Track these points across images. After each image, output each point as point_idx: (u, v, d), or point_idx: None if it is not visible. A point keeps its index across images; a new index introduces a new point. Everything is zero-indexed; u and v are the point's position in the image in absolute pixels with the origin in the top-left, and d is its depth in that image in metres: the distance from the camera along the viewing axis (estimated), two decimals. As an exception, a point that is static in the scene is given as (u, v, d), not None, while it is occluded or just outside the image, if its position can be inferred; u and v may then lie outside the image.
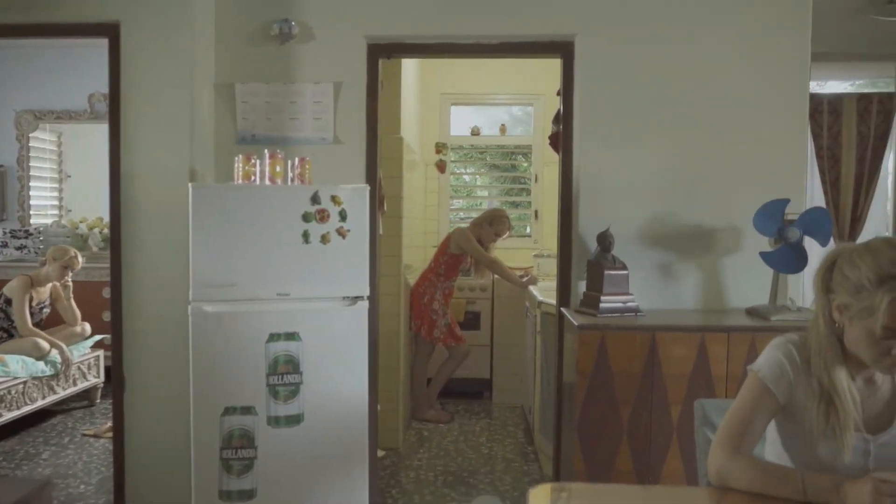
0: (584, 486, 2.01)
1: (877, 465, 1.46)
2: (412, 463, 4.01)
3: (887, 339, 1.38)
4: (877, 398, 1.52)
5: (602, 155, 3.31)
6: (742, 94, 3.27)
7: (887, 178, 5.96)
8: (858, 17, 4.92)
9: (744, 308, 3.21)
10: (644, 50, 3.28)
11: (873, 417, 1.50)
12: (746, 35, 3.27)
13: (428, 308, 4.70)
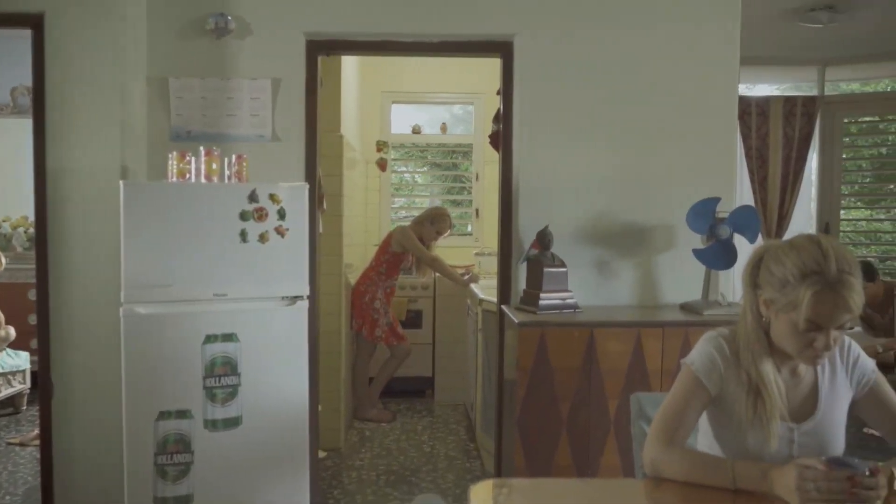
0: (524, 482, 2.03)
1: (801, 452, 1.52)
2: (354, 463, 3.99)
3: (810, 331, 1.44)
4: (800, 388, 1.59)
5: (541, 154, 3.35)
6: (675, 96, 3.37)
7: (811, 177, 6.23)
8: (784, 23, 5.13)
9: (678, 303, 3.30)
10: (581, 51, 3.34)
11: (797, 407, 1.57)
12: (679, 38, 3.36)
13: (369, 307, 4.68)
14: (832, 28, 5.09)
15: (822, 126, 6.15)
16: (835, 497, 1.28)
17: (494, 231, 3.64)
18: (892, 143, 6.39)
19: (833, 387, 1.59)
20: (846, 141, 6.30)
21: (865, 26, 5.25)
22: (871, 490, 1.28)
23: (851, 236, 6.42)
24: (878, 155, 6.58)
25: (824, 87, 6.21)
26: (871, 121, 6.40)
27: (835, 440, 1.58)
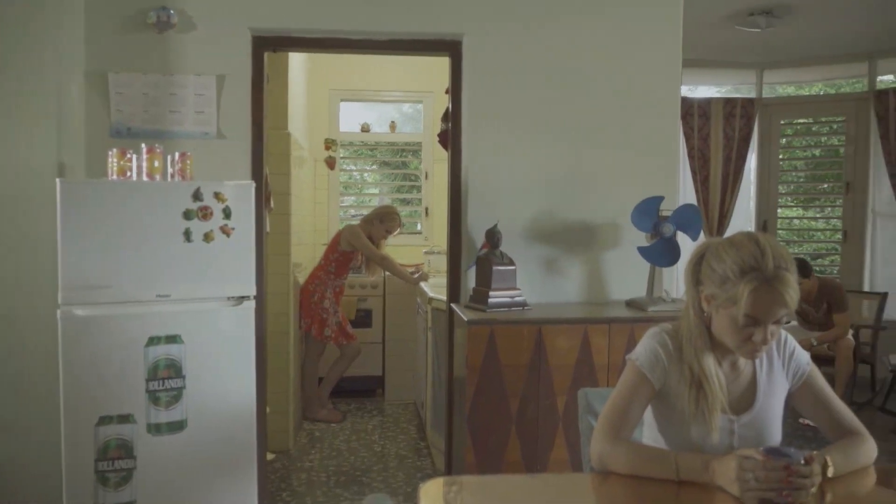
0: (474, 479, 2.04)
1: (741, 443, 1.57)
2: (304, 464, 3.94)
3: (748, 326, 1.49)
4: (740, 381, 1.64)
5: (490, 153, 3.37)
6: (620, 97, 3.43)
7: (750, 177, 6.43)
8: (724, 27, 5.28)
9: (624, 300, 3.37)
10: (529, 51, 3.38)
11: (737, 399, 1.62)
12: (623, 41, 3.43)
13: (318, 306, 4.63)
14: (769, 33, 5.27)
15: (760, 127, 6.36)
16: (772, 486, 1.32)
17: (444, 229, 3.65)
18: (825, 144, 6.65)
19: (770, 379, 1.65)
20: (782, 142, 6.53)
21: (801, 32, 5.45)
22: (806, 478, 1.33)
23: (787, 234, 6.65)
24: (812, 156, 6.84)
25: (762, 89, 6.43)
26: (806, 123, 6.64)
27: (772, 431, 1.64)
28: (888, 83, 6.24)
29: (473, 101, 3.37)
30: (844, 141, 6.29)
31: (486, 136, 3.37)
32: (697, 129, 6.27)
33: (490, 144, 3.37)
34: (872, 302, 5.58)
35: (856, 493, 1.48)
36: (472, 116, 3.37)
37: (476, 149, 3.37)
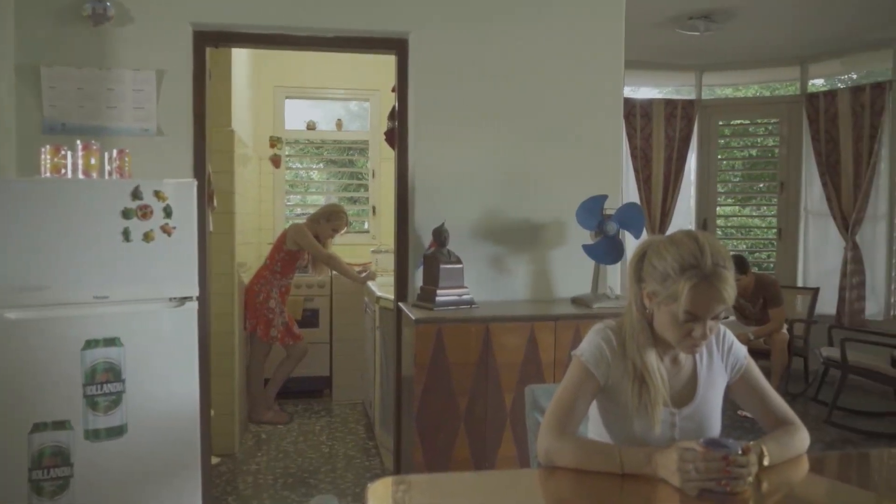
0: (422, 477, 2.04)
1: (682, 436, 1.62)
2: (250, 467, 3.88)
3: (688, 322, 1.53)
4: (681, 375, 1.68)
5: (437, 151, 3.38)
6: (565, 97, 3.48)
7: (690, 176, 6.61)
8: (665, 30, 5.41)
9: (569, 297, 3.42)
10: (475, 50, 3.39)
11: (678, 393, 1.66)
12: (568, 41, 3.48)
13: (263, 306, 4.56)
14: (708, 36, 5.42)
15: (699, 128, 6.54)
16: (712, 476, 1.37)
17: (391, 228, 3.64)
18: (761, 145, 6.88)
19: (710, 373, 1.70)
20: (721, 142, 6.72)
21: (738, 36, 5.63)
22: (743, 468, 1.38)
23: (725, 231, 6.86)
24: (749, 156, 7.07)
25: (701, 91, 6.61)
26: (743, 124, 6.85)
27: (712, 423, 1.69)
28: (819, 87, 6.49)
29: (420, 99, 3.36)
30: (779, 142, 6.52)
31: (433, 134, 3.37)
32: (640, 129, 6.40)
33: (437, 143, 3.37)
34: (805, 297, 5.81)
35: (790, 480, 1.54)
36: (419, 115, 3.37)
37: (423, 147, 3.37)
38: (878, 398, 5.23)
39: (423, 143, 3.37)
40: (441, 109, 3.37)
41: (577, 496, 1.49)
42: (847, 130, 5.85)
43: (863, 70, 6.24)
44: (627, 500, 1.46)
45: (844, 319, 5.74)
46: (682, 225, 6.43)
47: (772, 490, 1.47)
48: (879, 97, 5.64)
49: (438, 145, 3.37)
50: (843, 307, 5.81)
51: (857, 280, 5.77)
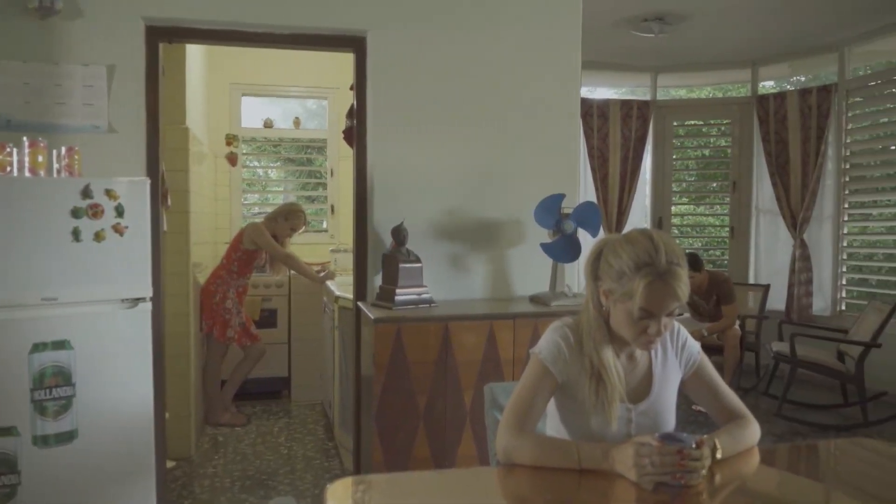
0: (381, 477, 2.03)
1: (638, 431, 1.64)
2: (206, 471, 3.81)
3: (643, 319, 1.55)
4: (637, 372, 1.71)
5: (395, 150, 3.37)
6: (523, 97, 3.50)
7: (646, 175, 6.72)
8: (621, 31, 5.49)
9: (528, 296, 3.44)
10: (434, 49, 3.39)
11: (634, 389, 1.69)
12: (526, 41, 3.50)
13: (220, 307, 4.49)
14: (662, 38, 5.52)
15: (654, 128, 6.65)
16: (667, 470, 1.39)
17: (350, 227, 3.62)
18: (714, 145, 7.04)
19: (665, 369, 1.73)
20: (675, 142, 6.86)
21: (691, 39, 5.74)
22: (697, 461, 1.40)
23: (680, 230, 7.00)
24: (702, 156, 7.22)
25: (657, 92, 6.72)
26: (696, 124, 7.00)
27: (667, 417, 1.72)
28: (769, 89, 6.67)
29: (378, 98, 3.35)
30: (731, 142, 6.68)
31: (392, 133, 3.36)
32: (597, 129, 6.49)
33: (395, 142, 3.37)
34: (757, 293, 5.97)
35: (742, 472, 1.58)
36: (378, 114, 3.35)
37: (381, 146, 3.36)
38: (826, 391, 5.40)
39: (381, 141, 3.36)
40: (400, 108, 3.36)
41: (535, 493, 1.50)
42: (795, 131, 6.02)
43: (810, 73, 6.43)
44: (585, 495, 1.47)
45: (793, 315, 5.91)
46: (638, 223, 6.54)
47: (725, 482, 1.50)
48: (826, 99, 5.82)
49: (397, 144, 3.37)
50: (792, 303, 5.98)
51: (805, 277, 5.95)
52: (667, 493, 1.39)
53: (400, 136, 3.37)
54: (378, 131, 3.35)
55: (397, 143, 3.36)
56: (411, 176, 3.38)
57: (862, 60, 5.91)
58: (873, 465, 1.76)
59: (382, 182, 3.36)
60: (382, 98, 3.35)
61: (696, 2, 4.92)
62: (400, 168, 3.36)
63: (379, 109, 3.35)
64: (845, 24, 5.45)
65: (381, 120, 3.35)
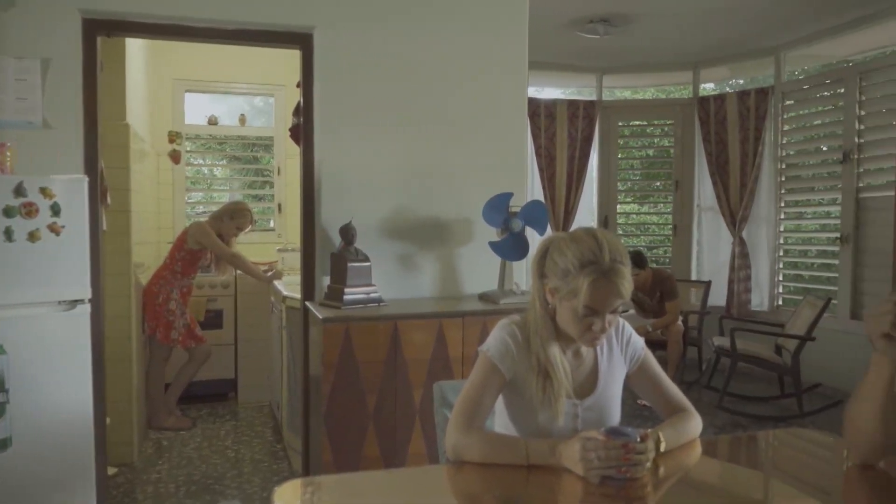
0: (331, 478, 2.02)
1: (584, 426, 1.67)
2: (150, 477, 3.72)
3: (588, 316, 1.58)
4: (583, 368, 1.73)
5: (343, 148, 3.34)
6: (471, 96, 3.52)
7: (592, 174, 6.83)
8: (567, 32, 5.56)
9: (476, 294, 3.46)
10: (382, 47, 3.38)
11: (580, 385, 1.71)
12: (474, 41, 3.52)
13: (163, 308, 4.38)
14: (607, 40, 5.62)
15: (600, 128, 6.76)
16: (612, 463, 1.42)
17: (298, 226, 3.57)
18: (658, 145, 7.20)
19: (610, 365, 1.76)
20: (620, 142, 6.99)
21: (635, 41, 5.86)
22: (642, 454, 1.43)
23: (626, 228, 7.13)
24: (647, 156, 7.38)
25: (602, 92, 6.84)
26: (641, 125, 7.15)
27: (613, 412, 1.75)
28: (709, 91, 6.86)
29: (326, 96, 3.32)
30: (673, 142, 6.84)
31: (340, 131, 3.34)
32: (544, 129, 6.56)
33: (343, 140, 3.34)
34: (699, 290, 6.13)
35: (685, 464, 1.62)
36: (325, 111, 3.32)
37: (329, 144, 3.33)
38: (764, 384, 5.59)
39: (329, 139, 3.33)
40: (348, 106, 3.34)
41: (484, 489, 1.51)
42: (734, 132, 6.21)
43: (748, 76, 6.63)
44: (533, 490, 1.49)
45: (734, 310, 6.10)
46: (585, 222, 6.64)
47: (668, 474, 1.54)
48: (763, 101, 6.01)
49: (345, 142, 3.34)
50: (732, 299, 6.17)
51: (744, 273, 6.14)
52: (612, 487, 1.41)
53: (348, 135, 3.34)
54: (325, 129, 3.32)
55: (345, 141, 3.34)
56: (360, 174, 3.36)
57: (797, 64, 6.13)
58: (809, 453, 1.83)
59: (330, 180, 3.33)
60: (330, 96, 3.32)
61: (639, 5, 5.03)
62: (348, 166, 3.34)
63: (326, 107, 3.32)
64: (781, 29, 5.64)
65: (328, 118, 3.32)
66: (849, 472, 1.60)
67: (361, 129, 3.36)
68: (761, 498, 1.55)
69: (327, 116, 3.32)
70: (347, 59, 3.33)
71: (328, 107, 3.32)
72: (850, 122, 5.35)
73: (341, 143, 3.34)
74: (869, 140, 5.27)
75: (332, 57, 3.31)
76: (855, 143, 5.31)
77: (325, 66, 3.31)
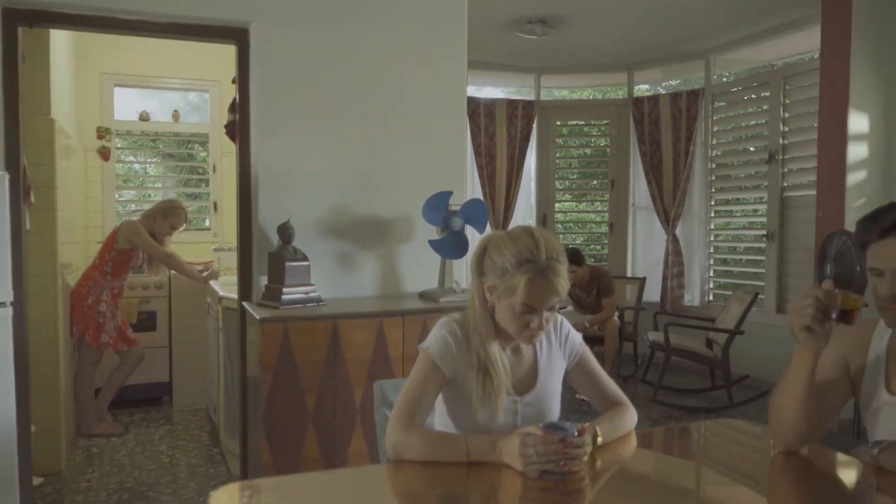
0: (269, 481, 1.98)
1: (524, 422, 1.69)
2: (79, 486, 3.58)
3: (525, 314, 1.60)
4: (523, 364, 1.76)
5: (281, 146, 3.29)
6: (411, 95, 3.51)
7: (531, 173, 6.92)
8: (506, 32, 5.62)
9: (417, 292, 3.46)
10: (321, 44, 3.34)
11: (520, 381, 1.73)
12: (412, 40, 3.51)
13: (93, 310, 4.23)
14: (545, 41, 5.70)
15: (538, 127, 6.86)
16: (551, 458, 1.44)
17: (234, 225, 3.50)
18: (594, 144, 7.34)
19: (549, 361, 1.78)
20: (558, 142, 7.10)
21: (572, 42, 5.96)
22: (580, 448, 1.46)
23: (564, 226, 7.25)
24: (584, 155, 7.51)
25: (540, 92, 6.93)
26: (578, 124, 7.28)
27: (552, 407, 1.78)
28: (643, 91, 7.03)
29: (262, 92, 3.26)
30: (609, 142, 6.99)
31: (277, 128, 3.28)
32: (484, 128, 6.61)
33: (281, 137, 3.29)
34: (634, 286, 6.29)
35: (621, 456, 1.66)
36: (262, 108, 3.26)
37: (266, 142, 3.27)
38: (696, 377, 5.77)
39: (266, 137, 3.27)
40: (285, 104, 3.29)
41: (426, 487, 1.52)
42: (667, 132, 6.39)
43: (680, 78, 6.84)
44: (474, 486, 1.50)
45: (667, 306, 6.28)
46: (523, 220, 6.72)
47: (605, 466, 1.57)
48: (694, 103, 6.20)
49: (283, 140, 3.29)
50: (666, 295, 6.35)
51: (677, 270, 6.33)
52: (551, 480, 1.44)
53: (285, 132, 3.29)
54: (263, 126, 3.26)
55: (283, 138, 3.29)
56: (298, 172, 3.31)
57: (726, 67, 6.36)
58: (738, 442, 1.90)
59: (267, 179, 3.27)
60: (266, 92, 3.26)
61: (576, 7, 5.12)
62: (286, 164, 3.29)
63: (263, 104, 3.26)
64: (710, 33, 5.84)
65: (265, 115, 3.26)
66: (774, 459, 1.67)
67: (300, 127, 3.31)
68: (694, 487, 1.61)
69: (264, 113, 3.26)
70: (285, 56, 3.27)
71: (265, 103, 3.26)
72: (775, 124, 5.58)
73: (279, 140, 3.28)
74: (793, 141, 5.51)
75: (269, 53, 3.25)
76: (780, 144, 5.54)
77: (261, 62, 3.25)
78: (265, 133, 3.26)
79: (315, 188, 3.34)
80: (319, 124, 3.35)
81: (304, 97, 3.31)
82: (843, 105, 4.43)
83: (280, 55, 3.27)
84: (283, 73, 3.27)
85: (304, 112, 3.32)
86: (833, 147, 4.50)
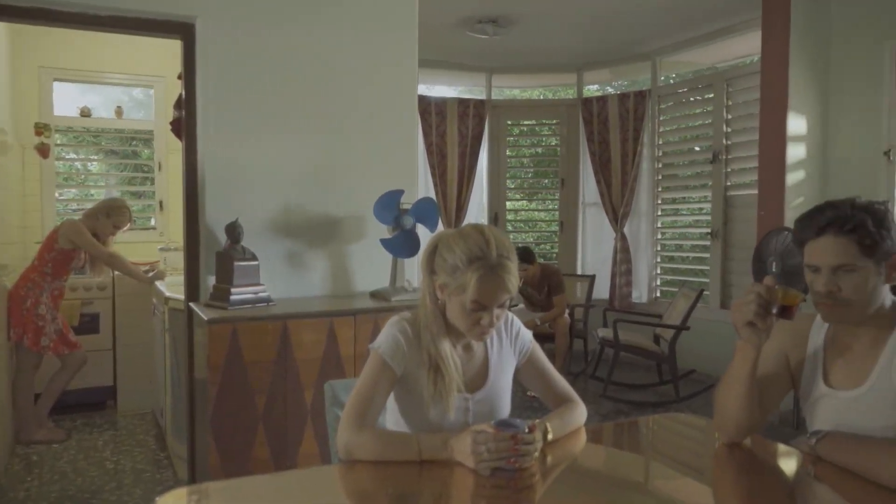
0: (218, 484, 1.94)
1: (475, 419, 1.69)
2: (17, 495, 3.45)
3: (476, 311, 1.61)
4: (474, 362, 1.76)
5: (229, 143, 3.23)
6: (362, 93, 3.49)
7: (483, 172, 6.95)
8: (457, 32, 5.64)
9: (368, 291, 3.45)
10: (268, 41, 3.29)
11: (471, 378, 1.74)
12: (364, 37, 3.49)
13: (32, 313, 4.08)
14: (496, 40, 5.74)
15: (490, 127, 6.90)
16: (502, 455, 1.45)
17: (180, 224, 3.42)
18: (545, 144, 7.42)
19: (500, 358, 1.80)
20: (510, 141, 7.15)
21: (523, 42, 6.02)
22: (530, 444, 1.48)
23: (515, 224, 7.31)
24: (536, 154, 7.59)
25: (491, 91, 6.97)
26: (529, 124, 7.35)
27: (503, 405, 1.79)
28: (592, 92, 7.14)
29: (209, 88, 3.19)
30: (560, 141, 7.08)
31: (225, 126, 3.22)
32: (435, 127, 6.62)
33: (229, 135, 3.23)
34: (584, 284, 6.38)
35: (571, 451, 1.68)
36: (209, 105, 3.19)
37: (213, 139, 3.21)
38: (644, 372, 5.89)
39: (213, 134, 3.20)
40: (233, 101, 3.23)
41: (378, 487, 1.51)
42: (615, 132, 6.50)
43: (628, 79, 6.96)
44: (426, 485, 1.50)
45: (616, 303, 6.39)
46: (475, 218, 6.76)
47: (556, 462, 1.59)
48: (641, 103, 6.33)
49: (231, 137, 3.23)
50: (614, 292, 6.46)
51: (625, 267, 6.45)
52: (503, 477, 1.45)
53: (233, 130, 3.23)
54: (210, 123, 3.19)
55: (231, 136, 3.23)
56: (246, 171, 3.25)
57: (671, 69, 6.50)
58: (684, 436, 1.95)
59: (215, 177, 3.21)
60: (214, 89, 3.20)
61: (526, 7, 5.16)
62: (234, 163, 3.23)
63: (210, 101, 3.19)
64: (656, 36, 5.97)
65: (212, 112, 3.20)
66: (718, 450, 1.71)
67: (248, 124, 3.26)
68: (642, 480, 1.64)
69: (211, 110, 3.19)
70: (232, 52, 3.22)
71: (212, 100, 3.19)
72: (719, 125, 5.73)
73: (226, 138, 3.22)
74: (735, 142, 5.67)
75: (216, 49, 3.19)
76: (723, 145, 5.69)
77: (208, 58, 3.18)
78: (212, 130, 3.20)
79: (264, 186, 3.29)
80: (268, 121, 3.30)
81: (253, 94, 3.26)
82: (782, 107, 4.59)
83: (228, 51, 3.21)
84: (230, 70, 3.22)
85: (253, 109, 3.27)
86: (773, 147, 4.65)
